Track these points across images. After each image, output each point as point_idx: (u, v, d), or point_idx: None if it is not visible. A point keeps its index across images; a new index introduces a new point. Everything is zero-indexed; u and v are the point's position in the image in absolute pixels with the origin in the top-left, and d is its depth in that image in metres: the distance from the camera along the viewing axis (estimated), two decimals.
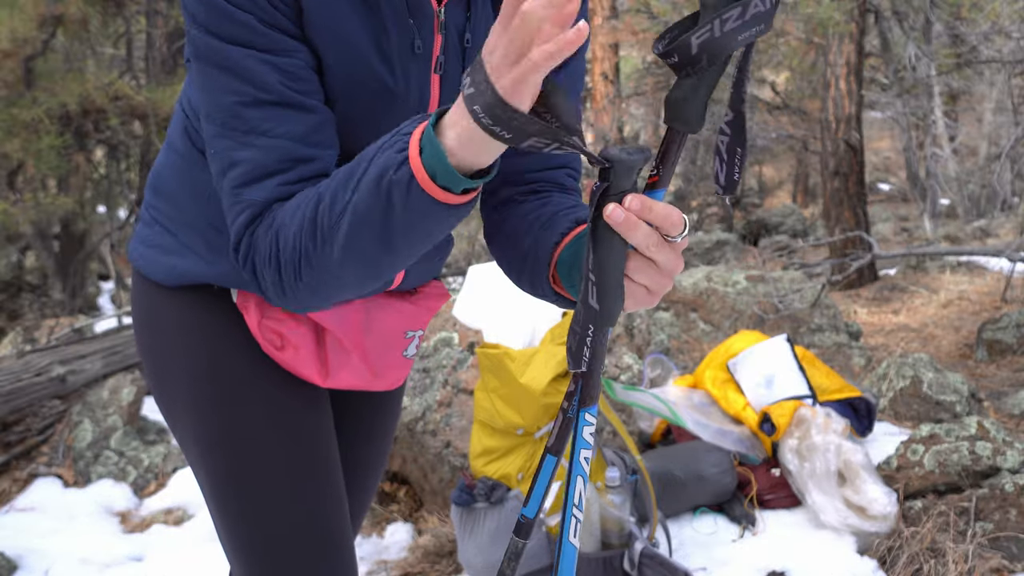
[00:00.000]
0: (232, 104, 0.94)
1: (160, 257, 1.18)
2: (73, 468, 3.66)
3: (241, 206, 0.95)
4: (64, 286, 7.72)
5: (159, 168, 1.21)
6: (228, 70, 0.94)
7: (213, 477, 1.15)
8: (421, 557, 2.68)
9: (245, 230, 0.96)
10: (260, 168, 0.94)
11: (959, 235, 8.92)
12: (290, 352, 1.16)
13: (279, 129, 0.94)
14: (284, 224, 0.92)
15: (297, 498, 1.15)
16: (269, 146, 0.94)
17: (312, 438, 1.19)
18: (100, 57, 7.94)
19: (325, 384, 1.21)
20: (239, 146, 0.95)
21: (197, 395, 1.16)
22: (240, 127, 0.94)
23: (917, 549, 2.24)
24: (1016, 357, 4.38)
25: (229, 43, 0.93)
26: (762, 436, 2.69)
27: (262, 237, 0.94)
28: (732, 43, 0.77)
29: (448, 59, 1.07)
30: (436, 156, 0.80)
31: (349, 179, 0.87)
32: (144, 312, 1.22)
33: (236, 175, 0.95)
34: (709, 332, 5.00)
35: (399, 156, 0.82)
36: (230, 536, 1.16)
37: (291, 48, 0.96)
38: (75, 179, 8.13)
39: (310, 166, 0.96)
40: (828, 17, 6.91)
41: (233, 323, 1.16)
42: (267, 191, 0.94)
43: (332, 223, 0.87)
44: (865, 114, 11.25)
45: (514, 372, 2.31)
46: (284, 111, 0.95)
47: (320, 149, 0.97)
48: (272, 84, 0.94)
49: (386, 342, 1.25)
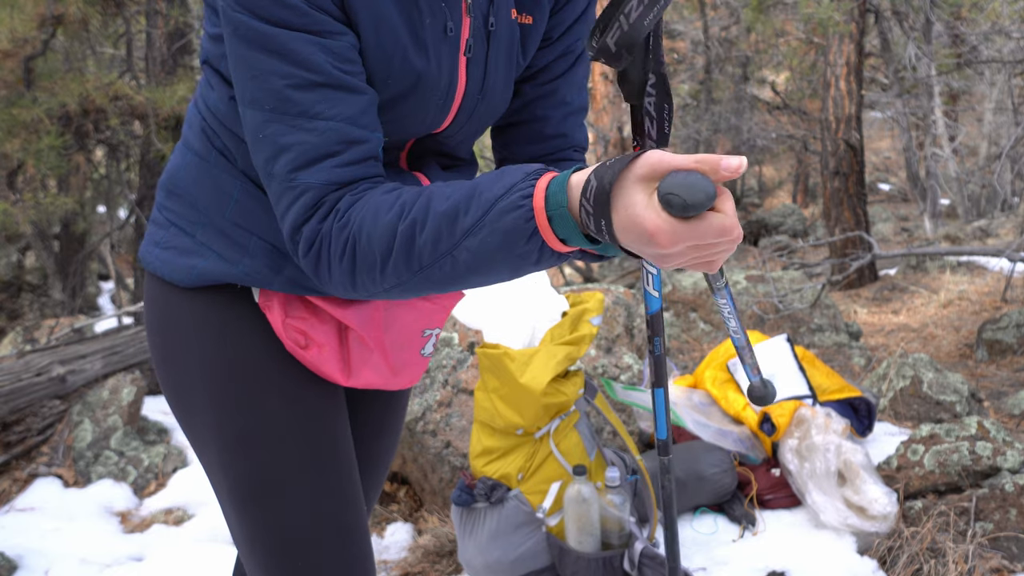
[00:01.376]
0: (282, 87, 0.94)
1: (177, 258, 1.16)
2: (73, 468, 3.66)
3: (298, 190, 0.95)
4: (64, 286, 7.72)
5: (174, 170, 1.20)
6: (276, 53, 0.94)
7: (232, 476, 1.15)
8: (421, 557, 2.68)
9: (307, 216, 0.95)
10: (315, 150, 0.94)
11: (959, 235, 8.92)
12: (314, 351, 1.16)
13: (331, 111, 0.94)
14: (364, 228, 0.92)
15: (318, 495, 1.15)
16: (322, 128, 0.94)
17: (332, 436, 1.19)
18: (100, 57, 7.94)
19: (347, 383, 1.20)
20: (290, 130, 0.94)
21: (217, 394, 1.15)
22: (291, 110, 0.94)
23: (917, 549, 2.25)
24: (1016, 357, 4.38)
25: (277, 26, 0.94)
26: (762, 436, 2.69)
27: (336, 232, 0.94)
28: (642, 29, 0.84)
29: (475, 42, 1.09)
30: (572, 230, 0.83)
31: (454, 222, 0.87)
32: (160, 314, 1.20)
33: (289, 159, 0.95)
34: (709, 332, 5.00)
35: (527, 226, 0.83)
36: (249, 533, 1.16)
37: (337, 30, 0.96)
38: (75, 179, 8.14)
39: (362, 148, 0.96)
40: (828, 17, 6.91)
41: (254, 322, 1.16)
42: (324, 174, 0.94)
43: (433, 259, 0.89)
44: (865, 114, 11.26)
45: (514, 372, 2.31)
46: (335, 92, 0.95)
47: (369, 131, 0.98)
48: (322, 65, 0.94)
49: (404, 340, 1.25)
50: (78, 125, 6.02)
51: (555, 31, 1.19)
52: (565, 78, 1.21)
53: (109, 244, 9.23)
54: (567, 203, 0.82)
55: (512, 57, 1.15)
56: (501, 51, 1.13)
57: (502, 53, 1.13)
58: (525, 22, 1.15)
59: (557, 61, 1.20)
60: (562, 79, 1.21)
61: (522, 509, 2.31)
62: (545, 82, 1.20)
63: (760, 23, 8.92)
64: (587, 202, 0.79)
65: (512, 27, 1.14)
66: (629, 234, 0.77)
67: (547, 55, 1.19)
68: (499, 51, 1.12)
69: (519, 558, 2.29)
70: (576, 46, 1.20)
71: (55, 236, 8.22)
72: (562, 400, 2.35)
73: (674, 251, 0.76)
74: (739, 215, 14.92)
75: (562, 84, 1.21)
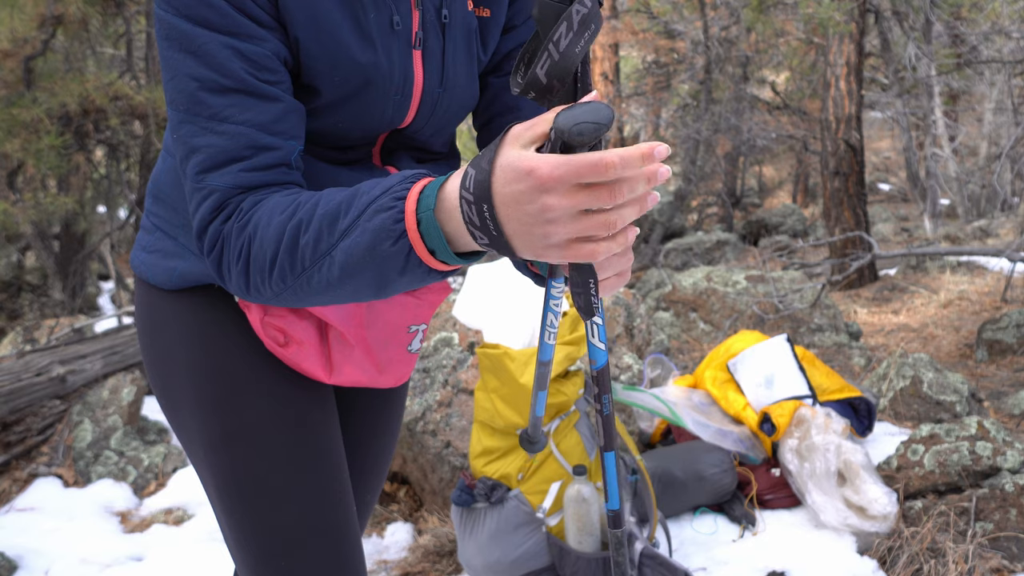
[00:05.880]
0: (195, 89, 0.94)
1: (161, 261, 1.19)
2: (73, 468, 3.66)
3: (204, 192, 0.95)
4: (64, 286, 7.72)
5: (157, 174, 1.22)
6: (192, 54, 0.94)
7: (218, 476, 1.15)
8: (421, 557, 2.68)
9: (211, 217, 0.95)
10: (222, 154, 0.94)
11: (959, 235, 8.92)
12: (294, 348, 1.16)
13: (241, 116, 0.95)
14: (259, 230, 0.92)
15: (302, 494, 1.15)
16: (231, 132, 0.94)
17: (316, 433, 1.18)
18: (100, 57, 7.93)
19: (330, 380, 1.21)
20: (201, 132, 0.95)
21: (200, 395, 1.16)
22: (203, 112, 0.95)
23: (917, 549, 2.25)
24: (1016, 357, 4.38)
25: (198, 25, 0.94)
26: (762, 436, 2.69)
27: (235, 234, 0.94)
28: (574, 57, 0.79)
29: (428, 35, 1.09)
30: (438, 240, 0.81)
31: (334, 223, 0.86)
32: (147, 317, 1.22)
33: (198, 161, 0.95)
34: (709, 332, 5.00)
35: (396, 227, 0.82)
36: (236, 533, 1.16)
37: (259, 35, 0.96)
38: (75, 179, 8.13)
39: (272, 154, 0.96)
40: (828, 17, 6.92)
41: (235, 322, 1.17)
42: (230, 177, 0.94)
43: (313, 260, 0.88)
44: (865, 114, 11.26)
45: (514, 372, 2.31)
46: (247, 98, 0.95)
47: (283, 139, 0.97)
48: (236, 71, 0.94)
49: (388, 336, 1.25)
50: (78, 125, 6.02)
51: (516, 18, 1.19)
52: None
53: (109, 244, 9.23)
54: (435, 206, 0.80)
55: (472, 50, 1.15)
56: (459, 44, 1.13)
57: (460, 46, 1.13)
58: (483, 15, 1.15)
59: (519, 49, 1.18)
60: None
61: (522, 509, 2.31)
62: (509, 71, 1.20)
63: (760, 23, 8.92)
64: (467, 192, 0.77)
65: (468, 19, 1.13)
66: (509, 188, 0.74)
67: (508, 43, 1.19)
68: (456, 44, 1.12)
69: (519, 558, 2.29)
70: None
71: (55, 236, 8.22)
72: (562, 400, 2.35)
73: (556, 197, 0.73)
74: (739, 215, 14.81)
75: None
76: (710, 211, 14.55)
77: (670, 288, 5.34)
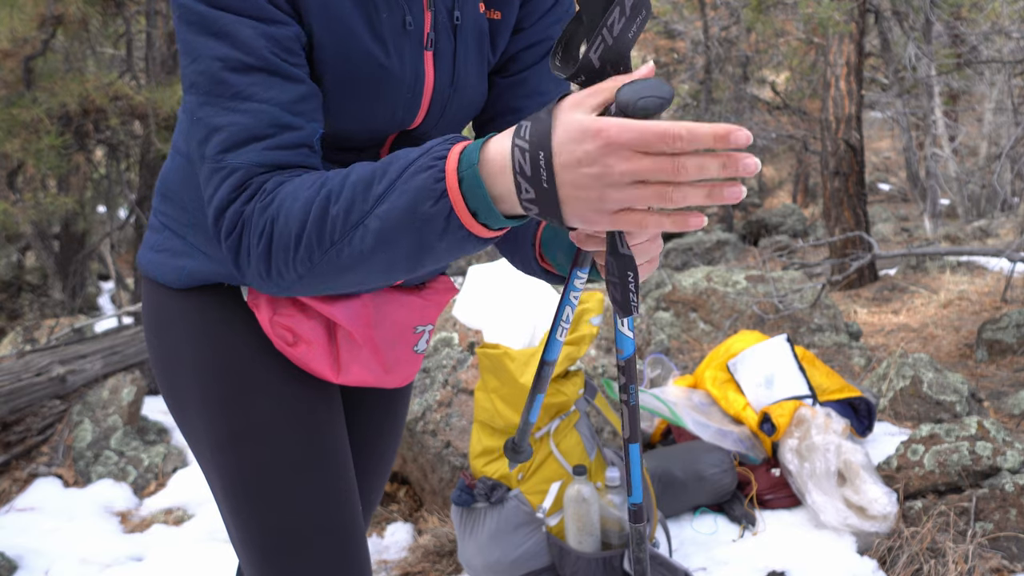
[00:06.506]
0: (218, 70, 0.94)
1: (169, 260, 1.18)
2: (73, 468, 3.66)
3: (224, 172, 0.93)
4: (64, 286, 7.72)
5: (165, 173, 1.22)
6: (215, 35, 0.94)
7: (225, 475, 1.15)
8: (421, 557, 2.68)
9: (232, 198, 0.93)
10: (245, 132, 0.93)
11: (959, 235, 8.92)
12: (302, 348, 1.16)
13: (265, 94, 0.94)
14: (284, 207, 0.89)
15: (309, 493, 1.15)
16: (254, 110, 0.93)
17: (323, 433, 1.18)
18: (100, 57, 7.93)
19: (338, 380, 1.20)
20: (223, 112, 0.94)
21: (207, 394, 1.16)
22: (225, 92, 0.93)
23: (917, 549, 2.25)
24: (1016, 357, 4.38)
25: (219, 9, 0.94)
26: (762, 436, 2.69)
27: (256, 214, 0.91)
28: (627, 42, 0.78)
29: (439, 36, 1.09)
30: (481, 199, 0.79)
31: (368, 189, 0.84)
32: (154, 316, 1.22)
33: (219, 140, 0.93)
34: (709, 332, 5.00)
35: (437, 187, 0.80)
36: (242, 533, 1.16)
37: (281, 19, 0.96)
38: (75, 179, 8.13)
39: (295, 134, 0.95)
40: (828, 17, 6.91)
41: (243, 321, 1.16)
42: (253, 155, 0.93)
43: (344, 231, 0.85)
44: (865, 114, 11.26)
45: (514, 372, 2.32)
46: (271, 77, 0.94)
47: (305, 119, 0.96)
48: (260, 49, 0.94)
49: (395, 336, 1.25)
50: (78, 125, 6.02)
51: (525, 21, 1.19)
52: (536, 68, 1.20)
53: (109, 244, 9.23)
54: (478, 161, 0.79)
55: (482, 52, 1.15)
56: (470, 45, 1.13)
57: (471, 47, 1.13)
58: (493, 17, 1.15)
59: (526, 51, 1.19)
60: (532, 70, 1.20)
61: (522, 509, 2.31)
62: (514, 72, 1.20)
63: (760, 23, 8.92)
64: (522, 140, 0.76)
65: (480, 21, 1.14)
66: (571, 147, 0.73)
67: (516, 44, 1.19)
68: (467, 45, 1.12)
69: (519, 558, 2.29)
70: (549, 36, 1.19)
71: (55, 236, 8.22)
72: (562, 400, 2.35)
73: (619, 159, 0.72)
74: (739, 215, 14.81)
75: (532, 75, 1.20)
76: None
77: (670, 288, 5.34)
